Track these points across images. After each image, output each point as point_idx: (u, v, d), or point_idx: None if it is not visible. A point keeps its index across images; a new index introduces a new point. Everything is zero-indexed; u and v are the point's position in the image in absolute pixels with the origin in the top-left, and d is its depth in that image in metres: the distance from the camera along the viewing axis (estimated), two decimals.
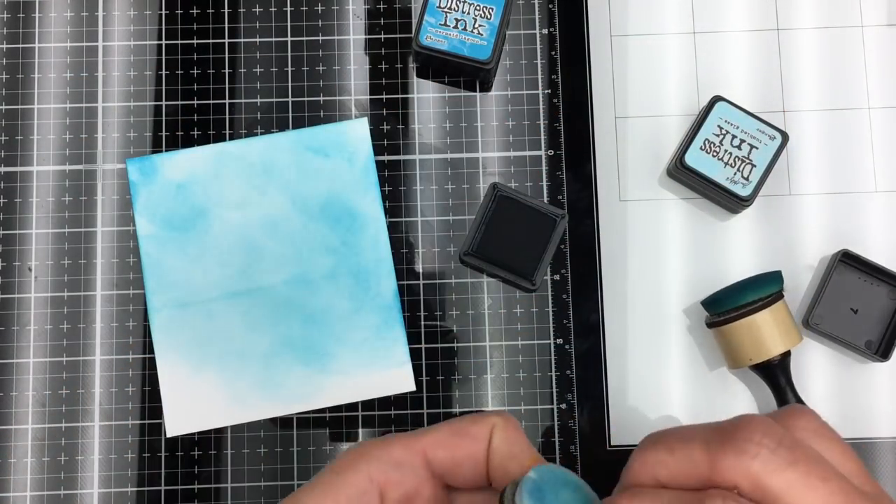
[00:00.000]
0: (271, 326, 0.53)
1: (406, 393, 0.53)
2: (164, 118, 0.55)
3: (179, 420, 0.52)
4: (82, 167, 0.55)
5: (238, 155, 0.54)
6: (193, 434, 0.53)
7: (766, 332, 0.51)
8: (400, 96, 0.56)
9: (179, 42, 0.56)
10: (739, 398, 0.54)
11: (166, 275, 0.53)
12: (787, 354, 0.51)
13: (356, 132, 0.54)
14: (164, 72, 0.56)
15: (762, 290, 0.51)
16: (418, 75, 0.56)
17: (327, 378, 0.52)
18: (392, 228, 0.55)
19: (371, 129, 0.56)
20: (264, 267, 0.53)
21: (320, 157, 0.54)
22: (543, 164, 0.55)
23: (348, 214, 0.53)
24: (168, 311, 0.53)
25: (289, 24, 0.56)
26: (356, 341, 0.53)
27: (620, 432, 0.54)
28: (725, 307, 0.52)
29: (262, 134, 0.55)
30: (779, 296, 0.51)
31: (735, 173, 0.53)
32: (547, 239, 0.53)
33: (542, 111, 0.56)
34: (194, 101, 0.55)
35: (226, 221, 0.54)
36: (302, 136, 0.54)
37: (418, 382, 0.53)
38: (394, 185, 0.55)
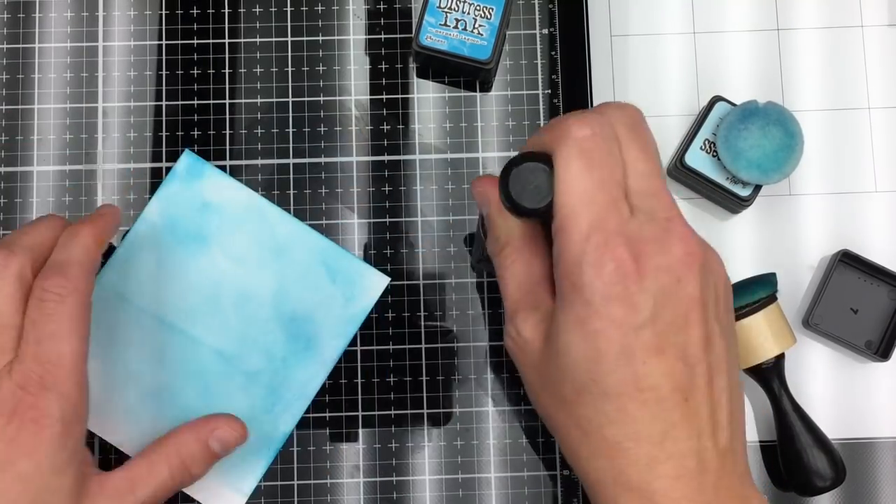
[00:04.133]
0: (178, 367, 0.52)
1: (407, 394, 0.53)
2: (164, 118, 0.55)
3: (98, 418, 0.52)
4: (82, 167, 0.55)
5: (269, 220, 0.53)
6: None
7: (758, 336, 0.51)
8: (400, 96, 0.56)
9: (179, 42, 0.56)
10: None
11: (131, 263, 0.53)
12: (780, 357, 0.51)
13: (372, 283, 0.53)
14: (164, 72, 0.56)
15: (754, 293, 0.51)
16: (418, 75, 0.56)
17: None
18: (392, 228, 0.55)
19: (371, 130, 0.56)
20: (208, 323, 0.53)
21: (327, 279, 0.53)
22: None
23: (308, 340, 0.53)
24: (106, 294, 0.52)
25: (289, 24, 0.56)
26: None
27: None
28: None
29: (294, 212, 0.55)
30: (772, 298, 0.51)
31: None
32: None
33: (542, 111, 0.56)
34: (194, 101, 0.55)
35: (212, 263, 0.53)
36: (327, 250, 0.53)
37: (418, 382, 0.53)
38: (394, 185, 0.55)
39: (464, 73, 0.55)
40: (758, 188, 0.53)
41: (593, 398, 0.36)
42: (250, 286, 0.53)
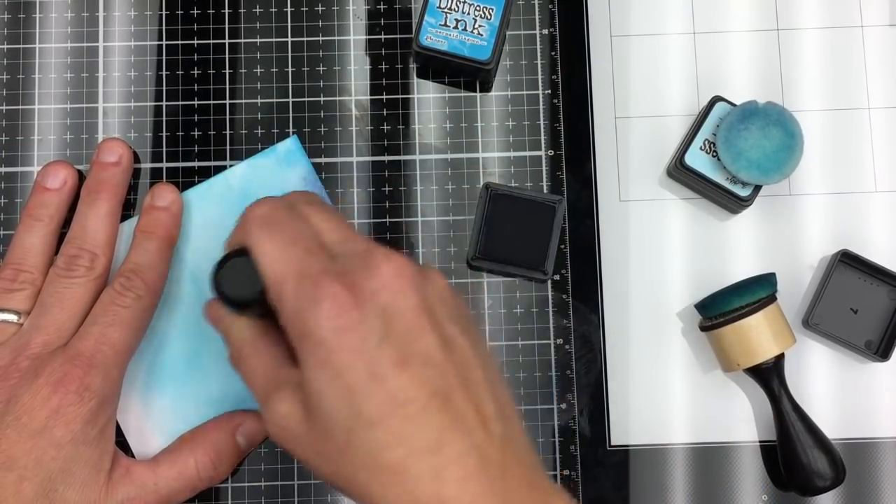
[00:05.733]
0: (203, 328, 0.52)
1: None
2: (164, 118, 0.55)
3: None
4: (83, 167, 0.55)
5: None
6: None
7: (758, 335, 0.51)
8: (400, 96, 0.56)
9: (179, 42, 0.56)
10: (741, 398, 0.54)
11: (191, 212, 0.53)
12: (780, 357, 0.51)
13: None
14: (164, 72, 0.56)
15: (754, 293, 0.51)
16: (418, 75, 0.56)
17: None
18: (392, 228, 0.55)
19: (371, 130, 0.56)
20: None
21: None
22: (543, 164, 0.55)
23: None
24: None
25: (289, 24, 0.56)
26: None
27: (620, 432, 0.54)
28: (717, 311, 0.52)
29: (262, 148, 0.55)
30: (771, 298, 0.51)
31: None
32: (549, 227, 0.53)
33: (542, 111, 0.56)
34: (194, 102, 0.55)
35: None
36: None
37: None
38: (394, 185, 0.55)
39: (464, 74, 0.55)
40: (758, 188, 0.53)
41: (364, 433, 0.36)
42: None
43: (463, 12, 0.53)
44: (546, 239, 0.53)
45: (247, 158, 0.54)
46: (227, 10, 0.56)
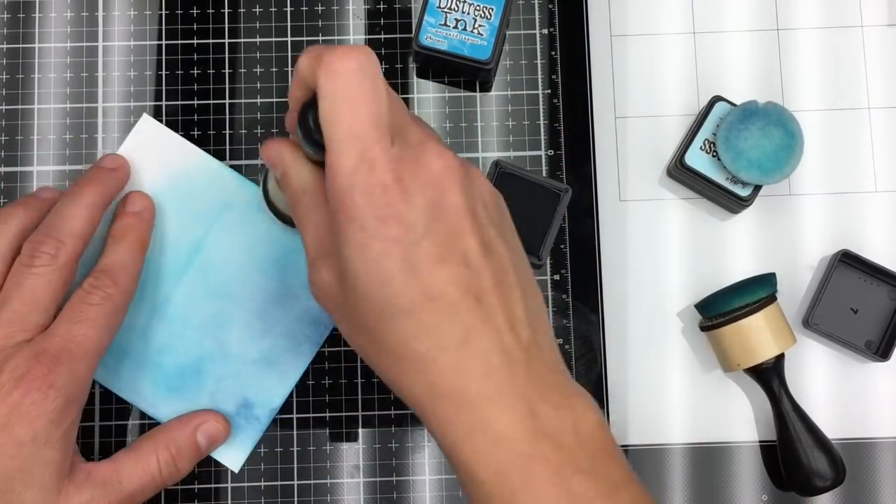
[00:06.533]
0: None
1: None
2: (164, 118, 0.55)
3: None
4: (82, 167, 0.55)
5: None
6: None
7: (758, 336, 0.51)
8: (400, 96, 0.56)
9: (179, 42, 0.56)
10: (741, 398, 0.54)
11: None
12: (780, 357, 0.51)
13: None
14: (164, 72, 0.56)
15: (754, 293, 0.51)
16: (418, 75, 0.56)
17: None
18: None
19: None
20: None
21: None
22: (543, 164, 0.55)
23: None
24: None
25: (289, 24, 0.56)
26: None
27: (620, 432, 0.54)
28: (717, 311, 0.52)
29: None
30: (771, 298, 0.51)
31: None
32: (551, 214, 0.53)
33: (542, 111, 0.56)
34: (194, 102, 0.55)
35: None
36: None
37: None
38: None
39: (464, 73, 0.55)
40: (758, 188, 0.53)
41: (393, 319, 0.37)
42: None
43: (463, 12, 0.53)
44: (545, 226, 0.52)
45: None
46: (226, 10, 0.56)
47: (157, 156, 0.54)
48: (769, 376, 0.51)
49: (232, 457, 0.52)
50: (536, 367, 0.38)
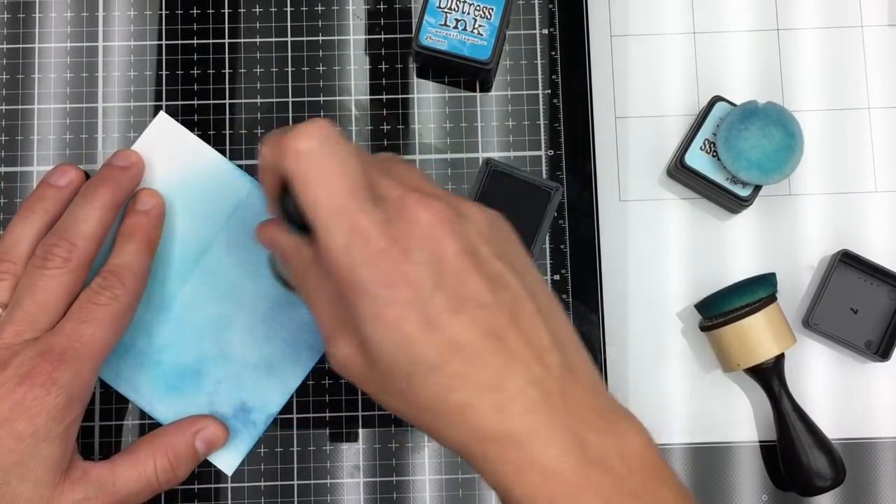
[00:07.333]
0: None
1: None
2: None
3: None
4: (83, 168, 0.55)
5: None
6: None
7: (757, 336, 0.51)
8: (400, 96, 0.56)
9: (179, 42, 0.56)
10: (742, 398, 0.54)
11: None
12: (780, 357, 0.51)
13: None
14: (164, 72, 0.56)
15: (754, 293, 0.51)
16: (418, 75, 0.56)
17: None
18: None
19: (371, 130, 0.56)
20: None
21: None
22: (543, 164, 0.55)
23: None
24: None
25: (289, 24, 0.56)
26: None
27: None
28: (717, 311, 0.52)
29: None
30: (771, 298, 0.51)
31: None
32: (542, 212, 0.53)
33: (542, 111, 0.56)
34: (194, 102, 0.55)
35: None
36: None
37: None
38: None
39: (464, 74, 0.55)
40: (758, 188, 0.53)
41: (425, 377, 0.37)
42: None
43: (463, 12, 0.53)
44: (536, 223, 0.52)
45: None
46: (226, 10, 0.56)
47: (171, 154, 0.54)
48: (769, 376, 0.52)
49: (226, 460, 0.52)
50: (573, 394, 0.38)
